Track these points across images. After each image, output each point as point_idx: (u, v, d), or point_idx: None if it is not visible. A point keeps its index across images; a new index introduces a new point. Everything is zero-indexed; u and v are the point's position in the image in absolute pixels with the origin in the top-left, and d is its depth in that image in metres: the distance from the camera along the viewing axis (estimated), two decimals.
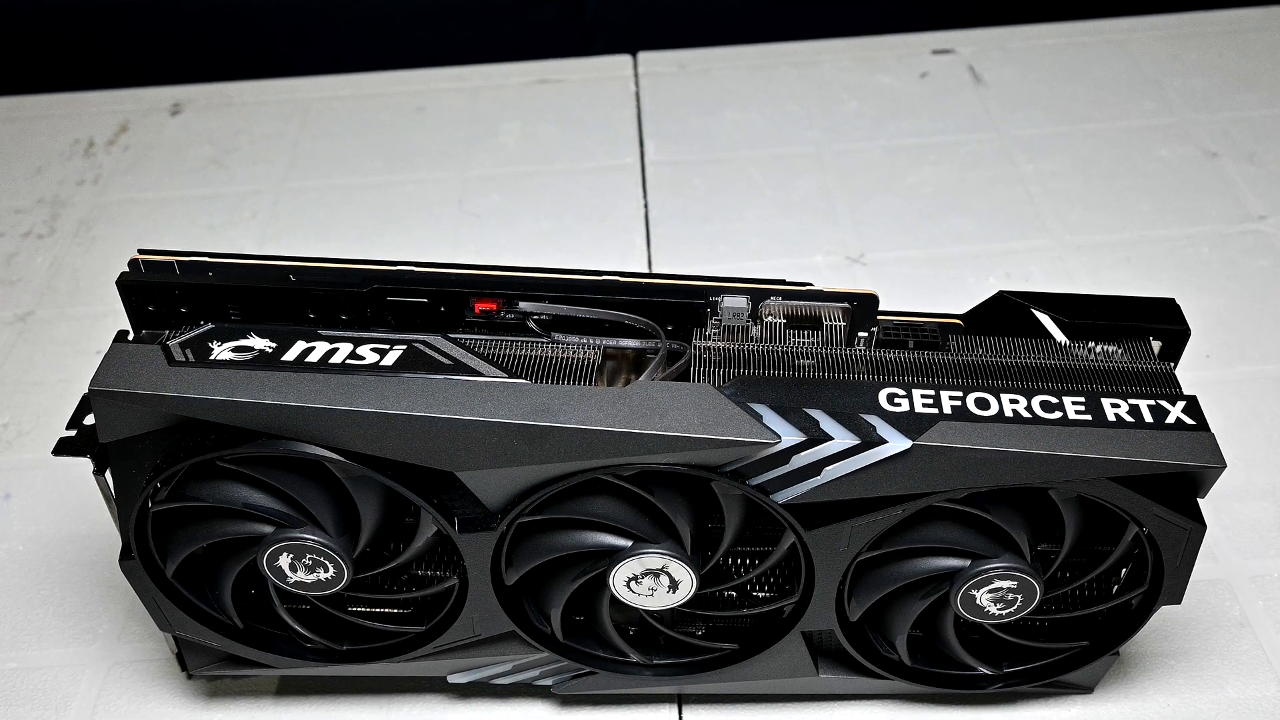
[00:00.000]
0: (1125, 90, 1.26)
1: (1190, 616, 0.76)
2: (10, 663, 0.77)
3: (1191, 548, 0.62)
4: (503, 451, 0.59)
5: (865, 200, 1.13)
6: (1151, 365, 0.65)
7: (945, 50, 1.35)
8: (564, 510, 0.62)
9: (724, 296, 0.67)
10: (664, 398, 0.59)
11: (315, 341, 0.62)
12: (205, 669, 0.71)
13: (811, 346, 0.65)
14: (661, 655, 0.70)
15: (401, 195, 1.17)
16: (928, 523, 0.63)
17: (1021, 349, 0.66)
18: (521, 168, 1.20)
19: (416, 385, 0.59)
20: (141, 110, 1.31)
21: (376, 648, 0.70)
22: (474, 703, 0.74)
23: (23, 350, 1.01)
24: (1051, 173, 1.15)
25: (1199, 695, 0.73)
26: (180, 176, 1.21)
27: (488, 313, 0.67)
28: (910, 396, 0.61)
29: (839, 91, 1.29)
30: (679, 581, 0.63)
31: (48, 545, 0.84)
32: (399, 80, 1.35)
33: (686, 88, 1.31)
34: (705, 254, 1.08)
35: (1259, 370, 0.94)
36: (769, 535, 0.66)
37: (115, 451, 0.61)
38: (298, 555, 0.62)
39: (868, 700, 0.73)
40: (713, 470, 0.59)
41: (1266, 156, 1.16)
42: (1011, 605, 0.64)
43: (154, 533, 0.64)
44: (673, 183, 1.17)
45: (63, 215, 1.16)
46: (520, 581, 0.65)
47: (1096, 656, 0.69)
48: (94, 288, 1.07)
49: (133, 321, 0.67)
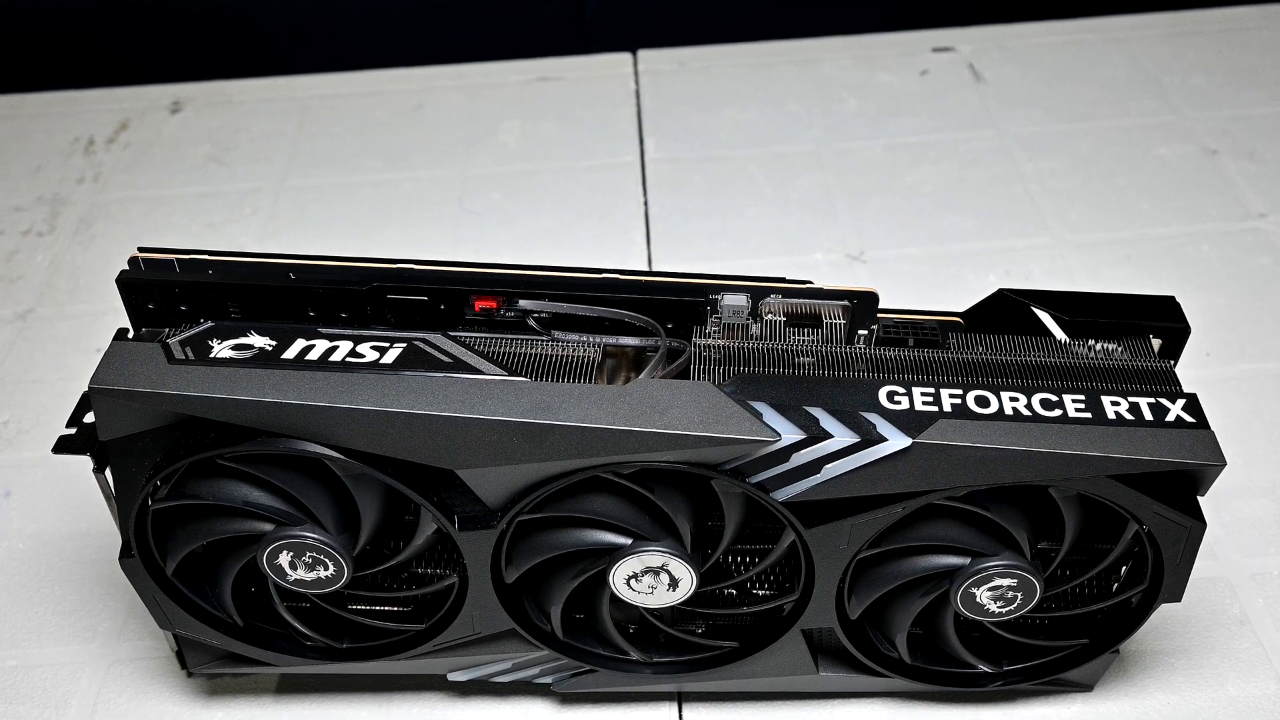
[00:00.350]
0: (1125, 88, 1.26)
1: (1190, 614, 0.76)
2: (10, 660, 0.77)
3: (1191, 545, 0.62)
4: (503, 449, 0.59)
5: (865, 198, 1.13)
6: (1151, 363, 0.65)
7: (945, 48, 1.35)
8: (564, 508, 0.62)
9: (724, 294, 0.66)
10: (664, 396, 0.59)
11: (315, 339, 0.62)
12: (205, 667, 0.71)
13: (811, 344, 0.65)
14: (661, 653, 0.70)
15: (401, 193, 1.17)
16: (928, 521, 0.63)
17: (1021, 347, 0.66)
18: (521, 166, 1.20)
19: (416, 383, 0.59)
20: (141, 108, 1.31)
21: (376, 646, 0.70)
22: (474, 701, 0.74)
23: (23, 348, 1.01)
24: (1051, 170, 1.15)
25: (1199, 693, 0.73)
26: (180, 174, 1.21)
27: (488, 311, 0.67)
28: (910, 394, 0.61)
29: (839, 89, 1.29)
30: (679, 579, 0.63)
31: (48, 543, 0.84)
32: (399, 78, 1.35)
33: (686, 86, 1.31)
34: (705, 252, 1.08)
35: (1259, 368, 0.94)
36: (769, 533, 0.66)
37: (115, 449, 0.61)
38: (298, 553, 0.62)
39: (868, 698, 0.73)
40: (713, 468, 0.59)
41: (1266, 154, 1.16)
42: (1012, 603, 0.64)
43: (154, 531, 0.64)
44: (673, 181, 1.17)
45: (63, 213, 1.16)
46: (520, 579, 0.65)
47: (1097, 654, 0.69)
48: (94, 286, 1.07)
49: (132, 319, 0.67)
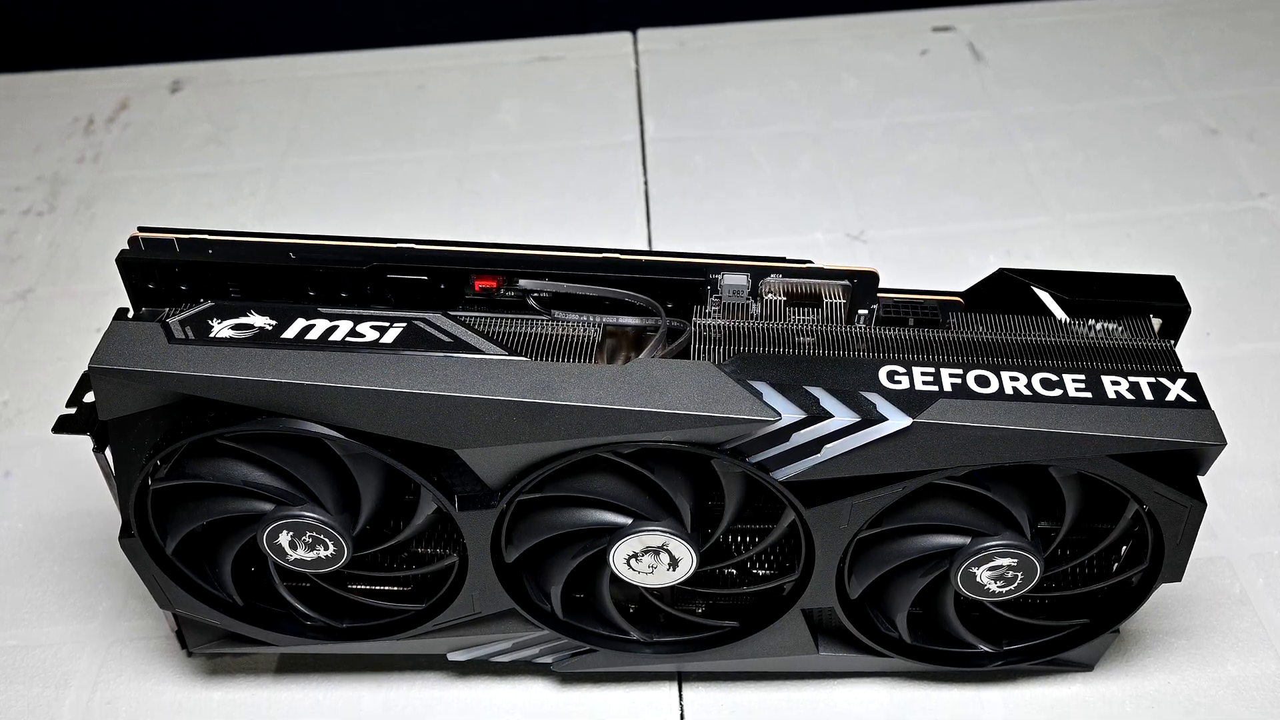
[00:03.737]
0: (1125, 68, 1.26)
1: (1191, 594, 0.76)
2: (10, 640, 0.77)
3: (1192, 525, 0.62)
4: (503, 429, 0.59)
5: (865, 178, 1.13)
6: (1152, 343, 0.65)
7: (945, 27, 1.34)
8: (564, 488, 0.62)
9: (724, 274, 0.66)
10: (664, 375, 0.59)
11: (315, 319, 0.62)
12: (205, 647, 0.71)
13: (812, 324, 0.65)
14: (661, 633, 0.70)
15: (401, 173, 1.17)
16: (928, 500, 0.63)
17: (1022, 326, 0.66)
18: (521, 145, 1.20)
19: (416, 363, 0.59)
20: (141, 88, 1.31)
21: (376, 625, 0.70)
22: (474, 680, 0.74)
23: (22, 328, 1.01)
24: (1052, 150, 1.15)
25: (1199, 672, 0.73)
26: (180, 154, 1.21)
27: (488, 290, 0.66)
28: (910, 374, 0.60)
29: (839, 69, 1.29)
30: (679, 559, 0.63)
31: (48, 523, 0.84)
32: (399, 58, 1.35)
33: (686, 65, 1.31)
34: (705, 231, 1.08)
35: (1259, 348, 0.94)
36: (769, 513, 0.66)
37: (115, 429, 0.61)
38: (298, 533, 0.62)
39: (868, 678, 0.73)
40: (713, 448, 0.59)
41: (1266, 134, 1.15)
42: (1012, 583, 0.64)
43: (154, 510, 0.64)
44: (673, 160, 1.17)
45: (62, 193, 1.16)
46: (520, 559, 0.65)
47: (1097, 634, 0.69)
48: (94, 265, 1.07)
49: (132, 299, 0.67)
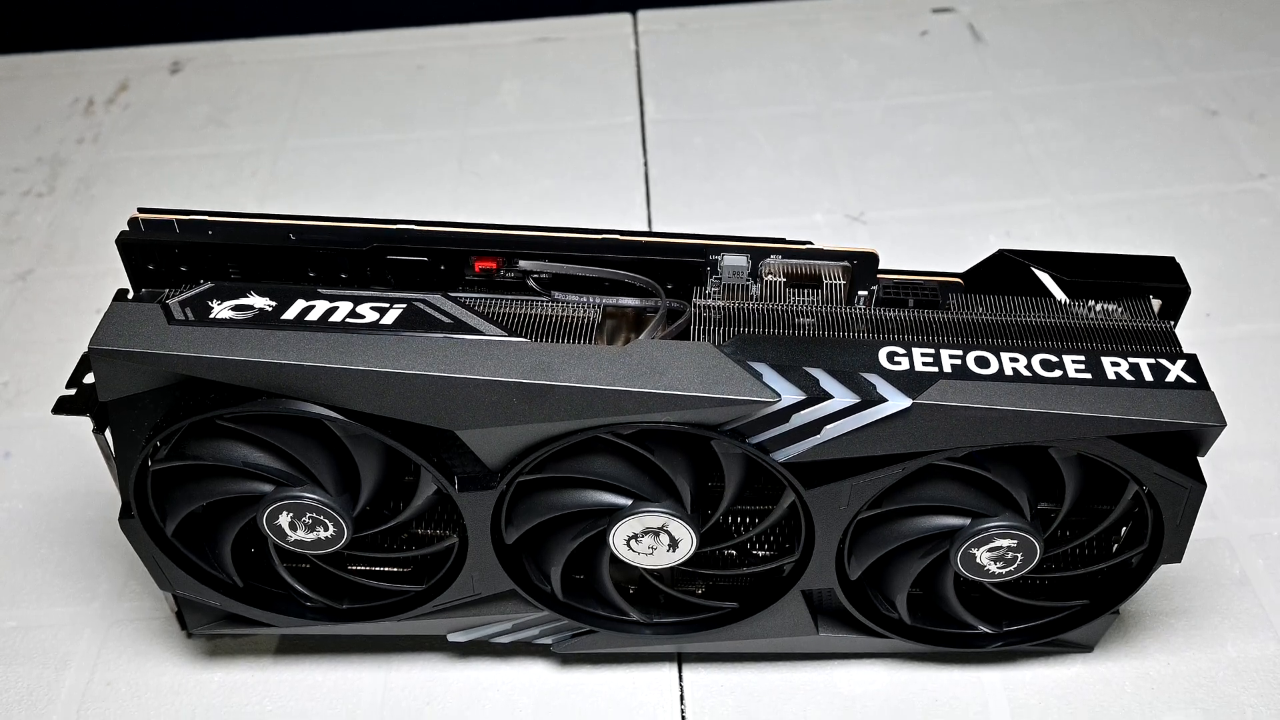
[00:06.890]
0: (1125, 49, 1.26)
1: (1190, 575, 0.76)
2: (10, 621, 0.77)
3: (1191, 506, 0.62)
4: (503, 410, 0.59)
5: (865, 159, 1.13)
6: (1151, 324, 0.65)
7: (945, 9, 1.34)
8: (564, 469, 0.62)
9: (724, 255, 0.66)
10: (664, 356, 0.59)
11: (315, 300, 0.62)
12: (205, 628, 0.72)
13: (811, 305, 0.65)
14: (661, 614, 0.70)
15: (401, 154, 1.17)
16: (928, 481, 0.63)
17: (1021, 307, 0.66)
18: (521, 126, 1.20)
19: (416, 344, 0.59)
20: (141, 69, 1.31)
21: (376, 606, 0.70)
22: (474, 661, 0.74)
23: (22, 309, 1.01)
24: (1052, 131, 1.15)
25: (1199, 653, 0.73)
26: (180, 135, 1.21)
27: (488, 271, 0.66)
28: (910, 355, 0.60)
29: (839, 50, 1.28)
30: (679, 540, 0.63)
31: (47, 504, 0.84)
32: (399, 39, 1.34)
33: (686, 46, 1.31)
34: (705, 212, 1.08)
35: (1259, 329, 0.94)
36: (769, 494, 0.66)
37: (115, 410, 0.61)
38: (297, 514, 0.62)
39: (867, 659, 0.73)
40: (712, 429, 0.59)
41: (1266, 115, 1.15)
42: (1012, 564, 0.64)
43: (154, 491, 0.64)
44: (672, 141, 1.17)
45: (62, 174, 1.16)
46: (520, 540, 0.65)
47: (1096, 615, 0.69)
48: (93, 246, 1.07)
49: (132, 280, 0.67)
